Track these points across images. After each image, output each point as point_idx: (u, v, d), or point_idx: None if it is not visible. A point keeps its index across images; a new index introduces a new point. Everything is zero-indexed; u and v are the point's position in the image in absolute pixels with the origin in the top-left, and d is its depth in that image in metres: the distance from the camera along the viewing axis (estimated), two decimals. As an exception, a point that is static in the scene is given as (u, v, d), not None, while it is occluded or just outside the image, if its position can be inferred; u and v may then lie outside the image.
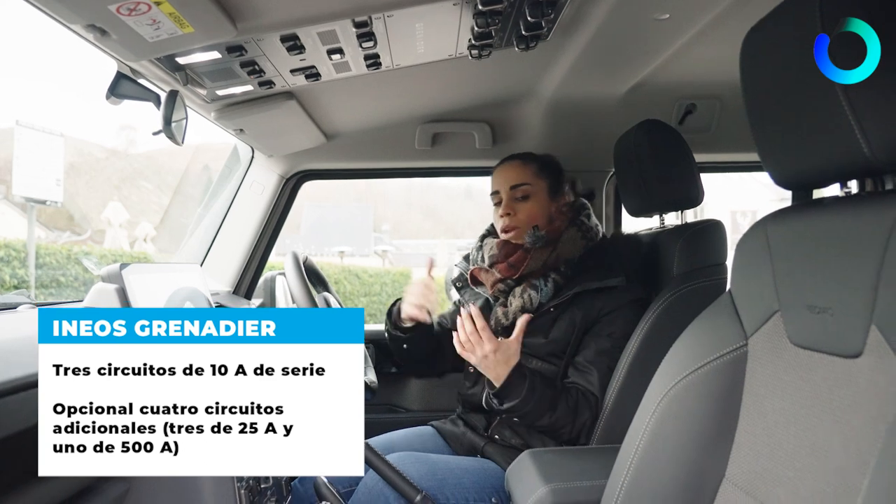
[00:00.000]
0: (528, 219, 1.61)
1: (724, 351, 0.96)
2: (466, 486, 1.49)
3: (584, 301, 1.54)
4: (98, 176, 19.84)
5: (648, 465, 1.03)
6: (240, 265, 2.06)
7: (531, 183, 1.63)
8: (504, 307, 1.60)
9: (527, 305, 1.56)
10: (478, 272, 1.66)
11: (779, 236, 0.91)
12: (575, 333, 1.54)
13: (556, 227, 1.61)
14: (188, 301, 1.42)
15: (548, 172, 1.65)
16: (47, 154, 6.45)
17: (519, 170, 1.64)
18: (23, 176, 6.26)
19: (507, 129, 2.04)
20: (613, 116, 1.87)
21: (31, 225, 6.26)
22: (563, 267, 1.59)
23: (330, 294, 1.83)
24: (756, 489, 0.88)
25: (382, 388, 1.98)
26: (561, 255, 1.58)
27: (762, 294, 0.92)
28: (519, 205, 1.62)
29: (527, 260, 1.56)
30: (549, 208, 1.63)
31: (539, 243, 1.56)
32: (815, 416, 0.80)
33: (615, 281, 1.53)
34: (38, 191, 6.31)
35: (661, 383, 1.05)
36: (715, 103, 1.94)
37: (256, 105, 1.50)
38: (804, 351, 0.84)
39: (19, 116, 9.51)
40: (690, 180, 1.58)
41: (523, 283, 1.59)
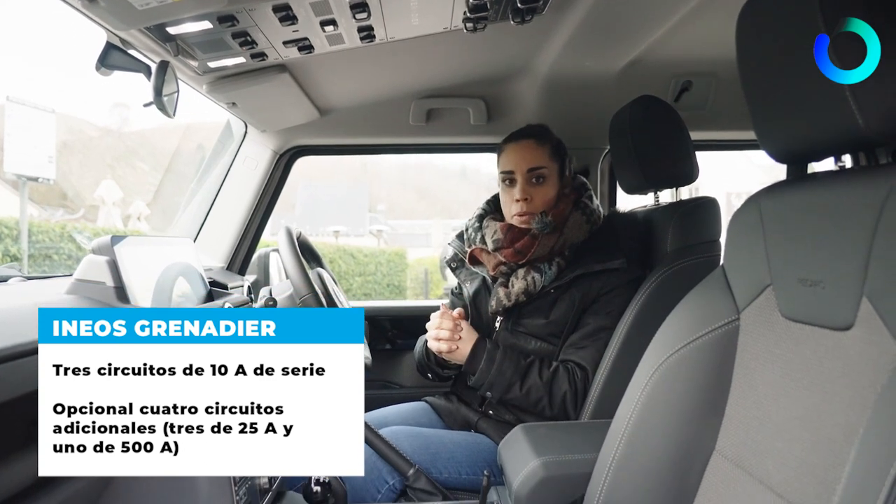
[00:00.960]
0: (543, 202, 1.58)
1: (716, 325, 0.97)
2: (459, 460, 1.50)
3: (584, 282, 1.54)
4: (91, 154, 19.68)
5: (639, 438, 1.04)
6: (233, 241, 2.05)
7: (547, 166, 1.59)
8: (506, 288, 1.59)
9: (530, 288, 1.55)
10: (479, 253, 1.65)
11: (772, 210, 0.91)
12: (574, 313, 1.55)
13: (561, 211, 1.58)
14: (181, 276, 1.42)
15: (559, 153, 1.62)
16: (39, 131, 6.37)
17: (536, 151, 1.59)
18: (14, 153, 6.19)
19: (502, 106, 2.02)
20: (609, 93, 1.86)
21: (23, 202, 6.19)
22: (567, 251, 1.58)
23: (323, 270, 1.83)
24: (745, 461, 0.89)
25: (377, 365, 1.99)
26: (567, 240, 1.57)
27: (754, 268, 0.93)
28: (535, 189, 1.58)
29: (534, 246, 1.54)
30: (558, 189, 1.61)
31: (547, 229, 1.54)
32: (804, 388, 0.80)
33: (616, 263, 1.53)
34: (30, 168, 6.24)
35: (652, 357, 1.05)
36: (711, 80, 1.93)
37: (249, 78, 1.48)
38: (795, 324, 0.84)
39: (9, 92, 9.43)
40: (685, 157, 1.58)
41: (527, 265, 1.58)
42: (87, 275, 1.06)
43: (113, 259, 1.07)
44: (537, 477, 1.18)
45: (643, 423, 1.04)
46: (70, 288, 1.06)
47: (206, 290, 1.45)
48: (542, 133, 1.63)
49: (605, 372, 1.47)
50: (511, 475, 1.24)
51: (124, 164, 19.34)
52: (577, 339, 1.54)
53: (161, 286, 1.27)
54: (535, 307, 1.57)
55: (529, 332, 1.57)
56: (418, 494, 1.43)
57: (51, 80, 32.28)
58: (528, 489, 1.19)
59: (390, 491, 1.46)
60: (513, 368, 1.49)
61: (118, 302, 1.05)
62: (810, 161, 0.92)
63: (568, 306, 1.55)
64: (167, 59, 1.22)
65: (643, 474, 1.03)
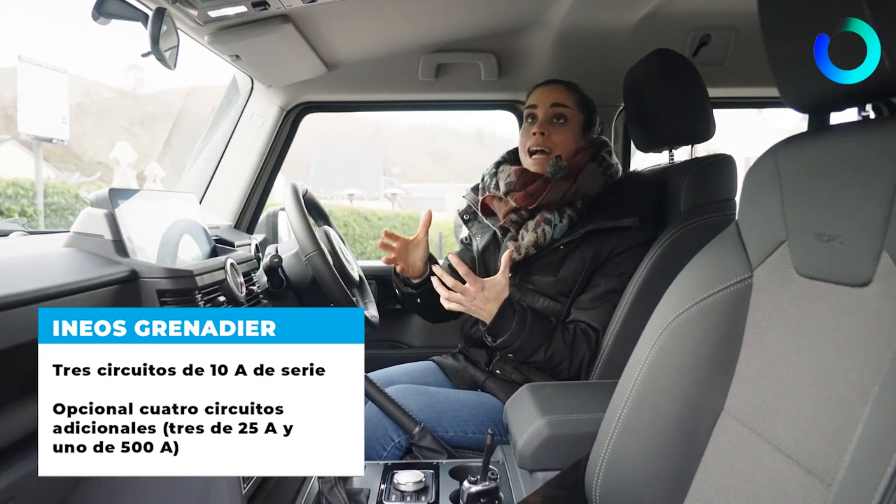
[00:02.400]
0: (560, 143, 1.56)
1: (728, 283, 0.94)
2: (465, 419, 1.50)
3: (595, 240, 1.51)
4: (106, 116, 19.74)
5: (646, 397, 1.02)
6: (240, 199, 2.03)
7: (571, 108, 1.58)
8: (515, 241, 1.56)
9: (540, 240, 1.52)
10: (490, 200, 1.62)
11: (789, 163, 0.87)
12: (584, 272, 1.51)
13: (577, 161, 1.56)
14: (186, 234, 1.40)
15: (585, 107, 1.61)
16: (52, 91, 6.36)
17: (563, 92, 1.59)
18: (28, 113, 6.20)
19: (513, 61, 1.96)
20: (624, 48, 1.79)
21: (38, 162, 6.23)
22: (579, 203, 1.54)
23: (330, 228, 1.81)
24: (755, 422, 0.87)
25: (385, 324, 1.98)
26: (580, 188, 1.54)
27: (769, 224, 0.89)
28: (554, 127, 1.57)
29: (546, 190, 1.51)
30: (579, 143, 1.59)
31: (560, 174, 1.52)
32: (817, 347, 0.78)
33: (628, 221, 1.49)
34: (43, 128, 6.25)
35: (662, 316, 1.02)
36: (730, 34, 1.86)
37: (251, 28, 1.44)
38: (810, 281, 0.81)
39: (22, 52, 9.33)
40: (702, 113, 1.52)
41: (537, 215, 1.55)
42: (86, 227, 1.04)
43: (111, 212, 1.05)
44: (542, 436, 1.17)
45: (650, 382, 1.02)
46: (68, 241, 1.05)
47: (210, 247, 1.44)
48: (572, 84, 1.63)
49: (615, 332, 1.44)
50: (516, 434, 1.23)
51: (139, 126, 19.40)
52: (587, 300, 1.51)
53: (166, 242, 1.25)
54: (545, 263, 1.54)
55: (538, 289, 1.54)
56: (423, 452, 1.43)
57: (65, 40, 32.17)
58: (532, 448, 1.18)
59: (396, 448, 1.46)
60: (542, 332, 1.44)
61: (117, 256, 1.04)
62: (832, 110, 0.88)
63: (577, 264, 1.52)
64: (164, 6, 1.18)
65: (649, 434, 1.01)
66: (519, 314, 1.43)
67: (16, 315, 0.80)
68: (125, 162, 9.11)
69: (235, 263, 1.32)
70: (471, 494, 1.16)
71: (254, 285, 1.49)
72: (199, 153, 2.10)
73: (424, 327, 2.25)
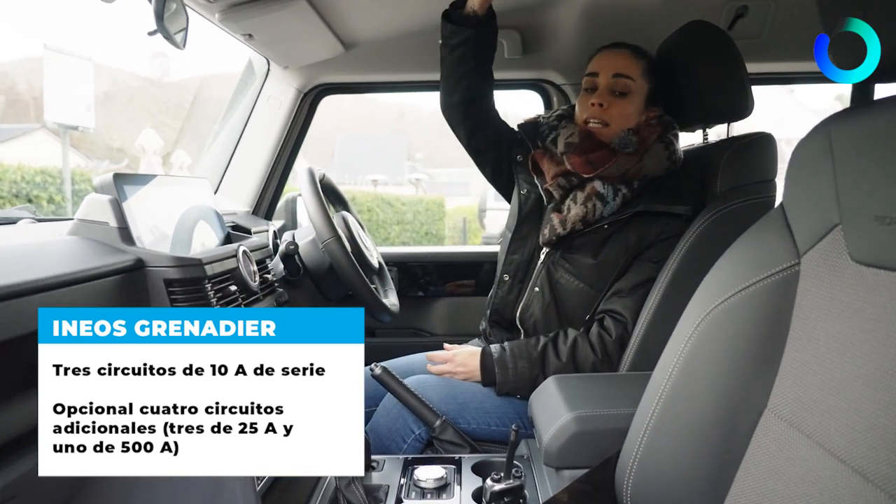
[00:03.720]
0: (621, 118, 1.44)
1: (772, 271, 0.86)
2: (488, 411, 1.44)
3: (642, 223, 1.41)
4: (133, 104, 19.95)
5: (682, 392, 0.95)
6: (258, 185, 1.99)
7: (636, 79, 1.44)
8: (559, 213, 1.45)
9: (589, 216, 1.42)
10: (540, 157, 1.51)
11: (844, 139, 0.79)
12: (626, 258, 1.43)
13: (644, 137, 1.44)
14: (202, 220, 1.36)
15: (653, 76, 1.47)
16: (77, 79, 6.41)
17: (628, 60, 1.45)
18: (54, 102, 6.26)
19: (537, 37, 1.88)
20: (656, 20, 1.70)
21: (65, 149, 6.30)
22: (636, 183, 1.44)
23: (349, 213, 1.75)
24: (803, 421, 0.80)
25: (405, 312, 1.94)
26: (644, 168, 1.43)
27: (820, 205, 0.81)
28: (615, 99, 1.43)
29: (611, 162, 1.40)
30: (641, 117, 1.46)
31: (629, 148, 1.41)
32: (876, 341, 0.70)
33: (681, 209, 1.39)
34: (69, 116, 6.32)
35: (699, 305, 0.95)
36: (769, 5, 1.74)
37: (263, 5, 1.38)
38: (868, 269, 0.73)
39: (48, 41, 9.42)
40: (740, 88, 1.43)
41: (587, 186, 1.44)
42: (90, 214, 1.00)
43: (116, 198, 1.01)
44: (569, 432, 1.11)
45: (687, 376, 0.94)
46: (72, 229, 1.01)
47: (224, 234, 1.39)
48: (641, 49, 1.49)
49: (646, 321, 1.37)
50: (542, 429, 1.17)
51: (166, 113, 19.58)
52: (623, 287, 1.42)
53: (179, 229, 1.21)
54: (586, 241, 1.44)
55: (575, 270, 1.45)
56: (445, 446, 1.38)
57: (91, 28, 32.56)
58: (559, 445, 1.11)
59: (416, 441, 1.41)
60: (528, 365, 1.40)
61: (122, 244, 1.00)
62: (878, 82, 0.79)
63: (621, 247, 1.42)
64: (170, -20, 1.13)
65: (685, 432, 0.94)
66: (497, 360, 1.43)
67: (13, 307, 0.78)
68: (151, 149, 9.18)
69: (248, 251, 1.28)
70: (494, 493, 1.10)
71: (269, 273, 1.45)
72: (215, 138, 2.06)
73: (446, 315, 2.20)
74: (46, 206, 5.84)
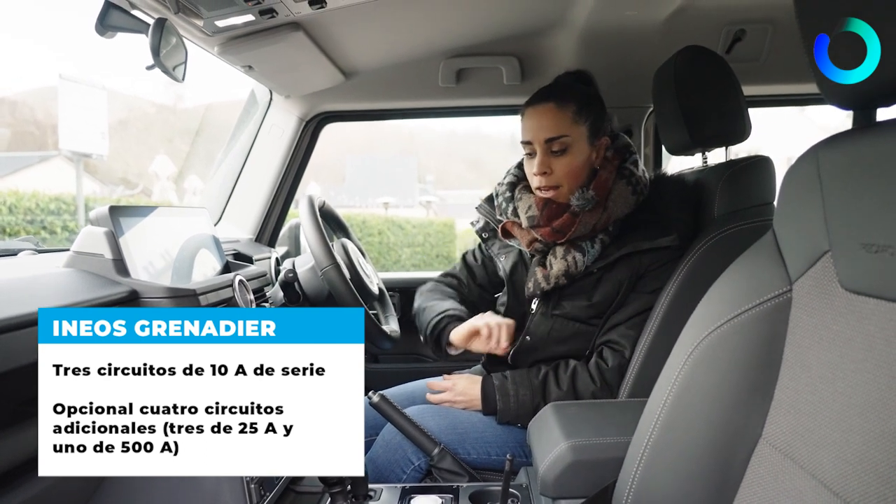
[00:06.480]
0: (568, 175, 1.39)
1: (765, 297, 0.85)
2: (489, 440, 1.43)
3: (632, 260, 1.40)
4: (148, 131, 20.23)
5: (676, 421, 0.94)
6: (261, 212, 2.01)
7: (569, 133, 1.37)
8: (544, 268, 1.44)
9: (571, 269, 1.40)
10: (511, 226, 1.50)
11: (832, 165, 0.78)
12: (621, 294, 1.41)
13: (603, 181, 1.40)
14: (202, 250, 1.37)
15: (587, 113, 1.40)
16: (91, 107, 6.52)
17: (556, 117, 1.38)
18: (68, 130, 6.36)
19: (536, 63, 1.89)
20: (653, 45, 1.71)
21: (78, 177, 6.40)
22: (611, 227, 1.42)
23: (349, 241, 1.76)
24: (796, 451, 0.78)
25: (407, 338, 1.93)
26: (612, 215, 1.40)
27: (810, 232, 0.80)
28: (556, 160, 1.38)
29: (575, 224, 1.38)
30: (590, 155, 1.41)
31: (588, 206, 1.38)
32: (867, 371, 0.69)
33: (667, 241, 1.37)
34: (83, 144, 6.42)
35: (693, 333, 0.94)
36: (766, 28, 1.75)
37: (261, 38, 1.41)
38: (857, 296, 0.72)
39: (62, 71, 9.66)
40: (737, 113, 1.43)
41: (566, 243, 1.43)
42: (85, 247, 1.01)
43: (111, 230, 1.02)
44: (565, 461, 1.10)
45: (680, 405, 0.93)
46: (68, 261, 1.02)
47: (223, 263, 1.40)
48: (564, 92, 1.41)
49: (645, 347, 1.36)
50: (538, 458, 1.16)
51: (180, 140, 19.82)
52: (621, 318, 1.41)
53: (179, 260, 1.22)
54: (577, 288, 1.43)
55: (570, 315, 1.44)
56: (443, 474, 1.36)
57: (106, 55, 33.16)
58: (555, 474, 1.10)
59: (415, 472, 1.40)
60: (529, 393, 1.40)
61: (117, 275, 1.00)
62: (879, 106, 0.79)
63: (613, 287, 1.41)
64: (167, 16, 1.15)
65: (681, 461, 0.93)
66: (498, 388, 1.43)
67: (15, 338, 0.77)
68: (164, 175, 9.30)
69: (245, 280, 1.28)
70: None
71: (266, 301, 1.45)
72: (219, 166, 2.08)
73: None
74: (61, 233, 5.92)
